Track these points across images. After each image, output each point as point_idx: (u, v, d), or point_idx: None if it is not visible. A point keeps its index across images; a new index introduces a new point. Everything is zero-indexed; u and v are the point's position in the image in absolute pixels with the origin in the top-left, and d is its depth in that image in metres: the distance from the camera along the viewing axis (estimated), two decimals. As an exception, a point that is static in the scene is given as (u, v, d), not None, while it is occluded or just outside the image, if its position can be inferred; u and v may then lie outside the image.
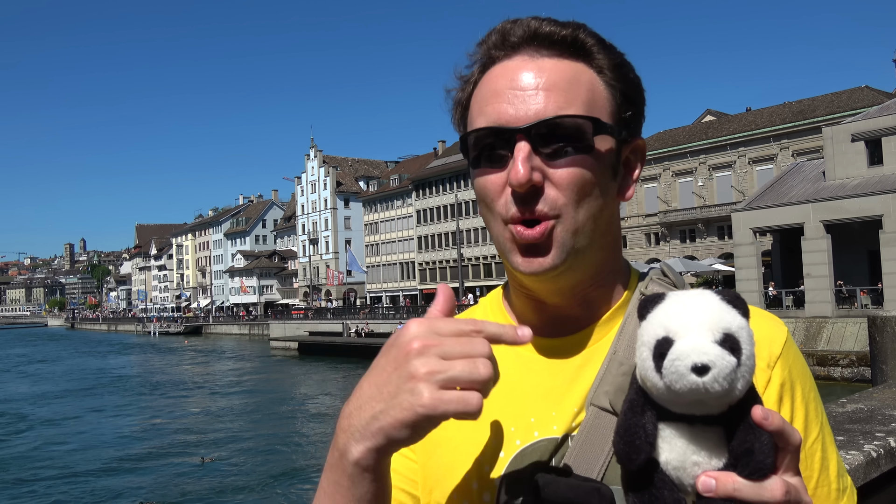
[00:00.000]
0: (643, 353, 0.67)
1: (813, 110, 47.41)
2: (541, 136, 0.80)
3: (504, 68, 0.85)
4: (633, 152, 0.90)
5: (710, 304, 0.66)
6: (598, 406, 0.82)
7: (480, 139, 0.84)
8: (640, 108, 0.89)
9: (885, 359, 5.91)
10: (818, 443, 0.85)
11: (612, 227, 0.89)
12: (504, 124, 0.81)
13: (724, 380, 0.61)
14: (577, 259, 0.84)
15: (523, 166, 0.78)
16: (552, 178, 0.81)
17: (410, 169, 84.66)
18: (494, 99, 0.83)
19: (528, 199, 0.81)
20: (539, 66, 0.83)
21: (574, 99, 0.82)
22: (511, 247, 0.84)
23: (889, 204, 27.41)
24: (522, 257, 0.83)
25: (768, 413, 0.63)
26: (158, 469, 17.91)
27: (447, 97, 0.93)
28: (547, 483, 0.76)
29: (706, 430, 0.65)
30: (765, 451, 0.63)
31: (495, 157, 0.83)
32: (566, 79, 0.83)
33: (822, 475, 0.85)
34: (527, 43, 0.84)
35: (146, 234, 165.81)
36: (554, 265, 0.82)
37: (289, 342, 59.41)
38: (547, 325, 0.91)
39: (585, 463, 0.80)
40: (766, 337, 0.85)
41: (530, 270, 0.83)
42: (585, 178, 0.82)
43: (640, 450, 0.67)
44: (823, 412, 0.88)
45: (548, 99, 0.81)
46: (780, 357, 0.85)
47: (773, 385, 0.84)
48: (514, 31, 0.85)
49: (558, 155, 0.81)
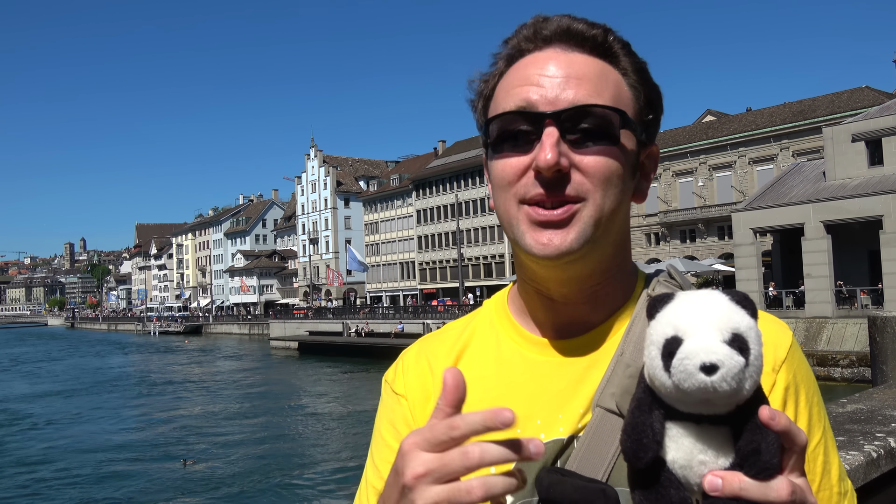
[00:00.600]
0: (652, 352, 0.67)
1: (813, 110, 47.38)
2: (569, 123, 0.81)
3: (534, 58, 0.86)
4: (649, 157, 0.91)
5: (719, 304, 0.66)
6: (604, 408, 0.82)
7: (507, 122, 0.84)
8: (659, 115, 0.91)
9: (885, 359, 5.91)
10: (820, 447, 0.86)
11: (626, 225, 0.91)
12: (533, 108, 0.82)
13: (733, 379, 0.62)
14: (592, 248, 0.84)
15: (552, 150, 0.79)
16: (579, 165, 0.81)
17: (411, 169, 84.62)
18: (524, 84, 0.84)
19: (553, 184, 0.81)
20: (570, 58, 0.85)
21: (603, 91, 0.83)
22: (526, 227, 0.83)
23: (889, 204, 27.40)
24: (538, 237, 0.82)
25: (775, 413, 0.63)
26: (157, 469, 17.90)
27: (469, 87, 0.92)
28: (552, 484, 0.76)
29: (713, 430, 0.66)
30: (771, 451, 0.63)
31: (520, 141, 0.83)
32: (596, 72, 0.84)
33: (825, 479, 0.86)
34: (558, 38, 0.86)
35: (146, 233, 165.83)
36: (570, 248, 0.82)
37: (289, 342, 59.40)
38: (554, 326, 0.92)
39: (591, 464, 0.80)
40: (772, 341, 0.85)
41: (544, 253, 0.82)
42: (612, 168, 0.82)
43: (648, 448, 0.67)
44: (826, 416, 0.89)
45: (578, 87, 0.82)
46: (784, 361, 0.86)
47: (777, 389, 0.85)
48: (546, 27, 0.86)
49: (585, 143, 0.81)
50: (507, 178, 0.84)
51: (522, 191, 0.83)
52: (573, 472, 0.78)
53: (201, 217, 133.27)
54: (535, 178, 0.81)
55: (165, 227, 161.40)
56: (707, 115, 60.81)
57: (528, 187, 0.82)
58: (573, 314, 0.90)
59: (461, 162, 72.52)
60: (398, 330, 51.70)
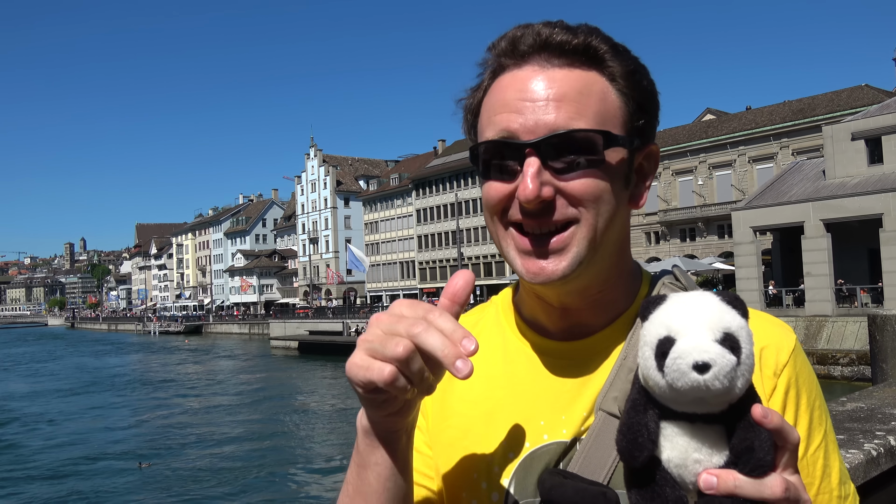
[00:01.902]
0: (645, 353, 0.68)
1: (813, 109, 47.36)
2: (551, 150, 0.79)
3: (513, 78, 0.83)
4: (647, 158, 0.88)
5: (711, 304, 0.67)
6: (607, 411, 0.82)
7: (489, 151, 0.82)
8: (654, 115, 0.87)
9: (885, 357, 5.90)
10: (821, 450, 0.85)
11: (623, 233, 0.88)
12: (513, 137, 0.80)
13: (725, 377, 0.62)
14: (587, 268, 0.83)
15: (532, 182, 0.77)
16: (565, 191, 0.80)
17: (410, 168, 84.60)
18: (503, 109, 0.81)
19: (539, 213, 0.80)
20: (549, 76, 0.81)
21: (585, 110, 0.80)
22: (515, 254, 0.83)
23: (889, 202, 27.38)
24: (528, 266, 0.82)
25: (768, 411, 0.64)
26: (157, 469, 17.90)
27: (458, 105, 0.91)
28: (554, 486, 0.77)
29: (707, 429, 0.66)
30: (765, 448, 0.64)
31: (505, 168, 0.82)
32: (577, 89, 0.80)
33: (824, 482, 0.85)
34: (537, 52, 0.82)
35: (146, 233, 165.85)
36: (563, 275, 0.81)
37: (289, 341, 59.37)
38: (558, 329, 0.91)
39: (592, 467, 0.80)
40: (774, 344, 0.86)
41: (536, 281, 0.82)
42: (600, 188, 0.80)
43: (643, 447, 0.67)
44: (829, 420, 0.88)
45: (558, 111, 0.79)
46: (786, 365, 0.85)
47: (778, 392, 0.84)
48: (524, 40, 0.82)
49: (569, 169, 0.79)
50: (494, 207, 0.83)
51: (509, 217, 0.82)
52: (575, 475, 0.79)
53: (201, 217, 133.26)
54: (519, 208, 0.81)
55: (165, 227, 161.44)
56: (707, 114, 60.79)
57: (514, 215, 0.82)
58: (576, 319, 0.90)
59: (461, 161, 72.46)
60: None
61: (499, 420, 0.89)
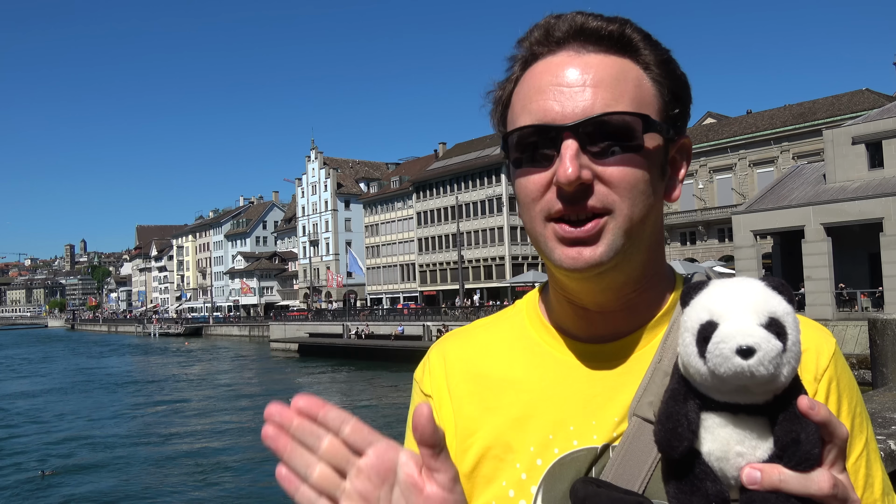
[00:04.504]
0: (686, 339, 0.65)
1: (813, 113, 47.39)
2: (588, 134, 0.77)
3: (548, 64, 0.82)
4: (680, 151, 0.87)
5: (755, 288, 0.64)
6: (642, 417, 0.79)
7: (524, 137, 0.80)
8: (687, 106, 0.86)
9: (885, 361, 5.89)
10: (862, 459, 0.81)
11: (658, 228, 0.86)
12: (550, 122, 0.78)
13: (770, 363, 0.59)
14: (624, 258, 0.81)
15: (571, 164, 0.75)
16: (602, 176, 0.78)
17: (411, 171, 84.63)
18: (539, 96, 0.80)
19: (577, 197, 0.78)
20: (585, 61, 0.80)
21: (622, 96, 0.79)
22: (554, 244, 0.80)
23: (890, 207, 27.36)
24: (567, 252, 0.79)
25: (815, 403, 0.61)
26: (155, 469, 17.89)
27: (486, 98, 0.89)
28: (588, 495, 0.73)
29: (750, 420, 0.63)
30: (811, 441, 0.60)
31: (539, 155, 0.80)
32: (613, 75, 0.79)
33: (867, 492, 0.80)
34: (572, 38, 0.81)
35: (147, 235, 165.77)
36: (601, 261, 0.79)
37: (289, 343, 59.31)
38: (588, 331, 0.88)
39: (627, 475, 0.77)
40: (814, 348, 0.82)
41: (575, 266, 0.79)
42: (637, 176, 0.79)
43: (683, 437, 0.64)
44: (870, 428, 0.84)
45: (595, 95, 0.78)
46: (827, 369, 0.82)
47: (818, 397, 0.81)
48: (558, 27, 0.82)
49: (607, 153, 0.78)
50: (530, 195, 0.81)
51: (547, 207, 0.80)
52: (609, 484, 0.76)
53: (202, 219, 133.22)
54: (557, 193, 0.78)
55: (166, 229, 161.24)
56: (707, 118, 60.79)
57: (552, 203, 0.79)
58: (608, 322, 0.87)
59: (461, 164, 72.53)
60: (398, 332, 51.67)
61: (527, 426, 0.86)
